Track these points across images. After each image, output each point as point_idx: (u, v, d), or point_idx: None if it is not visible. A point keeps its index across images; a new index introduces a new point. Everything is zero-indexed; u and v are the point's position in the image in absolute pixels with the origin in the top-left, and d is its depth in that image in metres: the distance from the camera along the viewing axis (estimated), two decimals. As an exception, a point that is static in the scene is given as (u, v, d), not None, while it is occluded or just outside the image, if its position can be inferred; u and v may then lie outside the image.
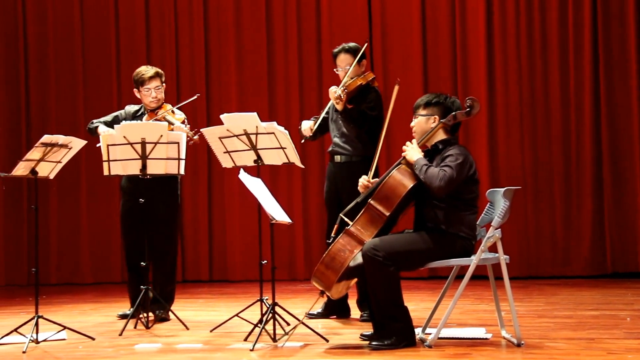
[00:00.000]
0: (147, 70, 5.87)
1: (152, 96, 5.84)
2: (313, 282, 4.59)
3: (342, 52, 5.67)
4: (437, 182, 4.46)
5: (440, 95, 4.75)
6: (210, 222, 8.49)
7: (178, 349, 4.85)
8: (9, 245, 8.56)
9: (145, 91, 5.84)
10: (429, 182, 4.48)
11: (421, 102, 4.74)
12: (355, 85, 5.55)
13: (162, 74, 5.94)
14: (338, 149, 5.67)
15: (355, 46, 5.68)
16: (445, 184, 4.46)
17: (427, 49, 8.12)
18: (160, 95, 5.88)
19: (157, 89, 5.85)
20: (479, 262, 4.53)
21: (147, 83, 5.83)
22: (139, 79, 5.86)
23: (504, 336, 4.74)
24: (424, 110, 4.72)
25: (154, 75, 5.86)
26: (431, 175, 4.48)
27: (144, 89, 5.84)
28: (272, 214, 4.85)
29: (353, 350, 4.58)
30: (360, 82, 5.57)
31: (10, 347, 4.97)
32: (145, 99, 5.87)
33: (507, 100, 7.95)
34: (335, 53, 5.72)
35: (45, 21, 8.66)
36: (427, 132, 4.69)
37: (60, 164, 5.24)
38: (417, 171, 4.53)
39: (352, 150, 5.61)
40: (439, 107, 4.70)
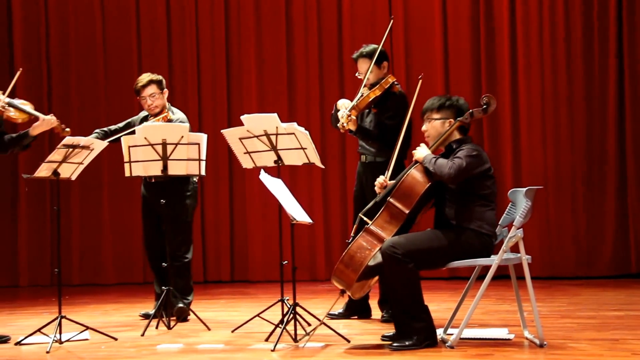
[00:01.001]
0: (141, 79, 5.91)
1: (148, 104, 5.89)
2: (333, 282, 4.59)
3: (360, 57, 5.57)
4: (447, 170, 4.46)
5: (450, 97, 4.77)
6: (231, 223, 8.51)
7: (199, 350, 4.87)
8: (32, 246, 8.62)
9: (142, 100, 5.91)
10: (439, 171, 4.48)
11: (433, 106, 4.73)
12: (365, 103, 5.42)
13: (158, 80, 5.92)
14: (363, 150, 5.65)
15: (373, 50, 5.52)
16: (455, 172, 4.45)
17: (449, 47, 8.08)
18: (158, 102, 5.89)
19: (152, 96, 5.87)
20: (501, 262, 4.51)
21: (141, 92, 5.89)
22: (135, 88, 5.94)
23: (526, 337, 4.71)
24: (438, 114, 4.71)
25: (147, 83, 5.88)
26: (440, 164, 4.49)
27: (141, 98, 5.91)
28: (292, 215, 4.86)
29: (374, 351, 4.57)
30: (373, 96, 5.42)
31: (34, 347, 5.01)
32: (144, 107, 5.94)
33: (530, 98, 7.91)
34: (355, 58, 5.63)
35: (67, 24, 8.71)
36: (442, 134, 4.68)
37: (82, 165, 5.28)
38: (427, 164, 4.53)
39: (377, 152, 5.59)
40: (453, 110, 4.70)
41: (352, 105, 5.41)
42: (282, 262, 5.11)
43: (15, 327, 5.81)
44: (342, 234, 8.13)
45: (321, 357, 4.50)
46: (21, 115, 5.26)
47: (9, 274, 8.61)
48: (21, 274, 8.60)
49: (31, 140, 5.35)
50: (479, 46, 7.99)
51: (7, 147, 5.33)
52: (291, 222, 4.91)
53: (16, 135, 5.32)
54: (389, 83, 5.47)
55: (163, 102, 5.92)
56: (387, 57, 5.63)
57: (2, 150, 5.36)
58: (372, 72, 5.50)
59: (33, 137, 5.32)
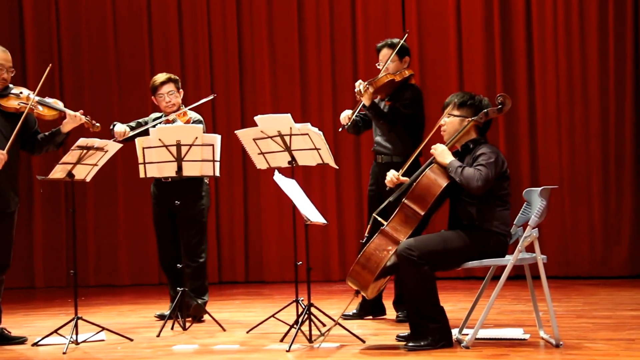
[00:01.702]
0: (160, 77, 5.93)
1: (165, 101, 5.88)
2: (348, 283, 4.58)
3: (384, 47, 5.63)
4: (475, 182, 4.44)
5: (473, 95, 4.72)
6: (245, 224, 8.52)
7: (215, 350, 4.88)
8: (48, 248, 8.66)
9: (159, 97, 5.90)
10: (467, 183, 4.46)
11: (455, 102, 4.69)
12: (383, 81, 5.49)
13: (175, 79, 5.96)
14: (380, 148, 5.64)
15: (398, 41, 5.64)
16: (482, 184, 4.44)
17: (463, 46, 8.06)
18: (175, 100, 5.90)
19: (170, 94, 5.88)
20: (516, 262, 4.49)
21: (159, 89, 5.88)
22: (152, 86, 5.94)
23: (542, 337, 4.69)
24: (459, 111, 4.68)
25: (166, 80, 5.89)
26: (468, 176, 4.46)
27: (158, 95, 5.90)
28: (307, 215, 4.86)
29: (389, 351, 4.57)
30: (392, 78, 5.51)
31: (50, 348, 5.04)
32: (160, 105, 5.93)
33: (545, 97, 7.88)
34: (378, 48, 5.68)
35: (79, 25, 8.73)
36: (458, 132, 4.66)
37: (96, 166, 5.30)
38: (452, 173, 4.51)
39: (392, 149, 5.57)
40: (474, 109, 4.66)
41: (369, 81, 5.45)
42: (297, 263, 5.11)
43: (31, 328, 5.84)
44: (356, 235, 8.12)
45: (336, 358, 4.50)
46: (50, 112, 5.26)
47: (25, 276, 8.65)
48: (37, 275, 8.65)
49: (64, 138, 5.34)
50: (493, 45, 7.96)
51: (41, 146, 5.35)
52: (305, 223, 4.92)
53: (49, 133, 5.33)
54: (408, 74, 5.56)
55: (179, 102, 5.94)
56: (409, 52, 5.70)
57: (38, 150, 5.38)
58: (393, 62, 5.55)
59: (66, 134, 5.32)
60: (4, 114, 5.15)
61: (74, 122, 5.27)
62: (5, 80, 5.14)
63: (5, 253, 5.22)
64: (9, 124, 5.12)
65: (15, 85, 5.33)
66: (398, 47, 5.56)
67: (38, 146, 5.36)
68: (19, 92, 5.21)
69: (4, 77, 5.13)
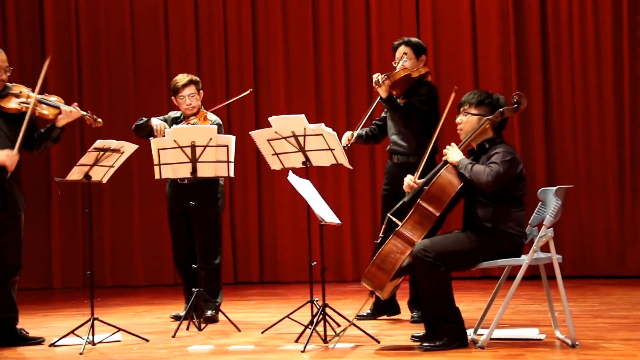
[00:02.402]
0: (182, 79, 5.91)
1: (186, 104, 5.88)
2: (364, 284, 4.58)
3: (402, 44, 5.65)
4: (485, 177, 4.42)
5: (491, 94, 4.70)
6: (260, 224, 8.54)
7: (230, 351, 4.89)
8: (65, 249, 8.71)
9: (180, 99, 5.89)
10: (476, 179, 4.44)
11: (473, 100, 4.67)
12: (400, 75, 5.48)
13: (196, 81, 5.96)
14: (396, 147, 5.64)
15: (416, 41, 5.69)
16: (492, 179, 4.41)
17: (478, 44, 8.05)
18: (196, 102, 5.90)
19: (192, 96, 5.88)
20: (531, 262, 4.48)
21: (181, 91, 5.87)
22: (174, 87, 5.93)
23: (558, 337, 4.68)
24: (476, 110, 4.66)
25: (188, 82, 5.88)
26: (477, 171, 4.45)
27: (179, 96, 5.89)
28: (321, 216, 4.86)
29: (404, 352, 4.57)
30: (409, 72, 5.50)
31: (67, 348, 5.07)
32: (181, 107, 5.93)
33: (561, 96, 7.85)
34: (395, 45, 5.69)
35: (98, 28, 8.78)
36: (474, 131, 4.64)
37: (112, 168, 5.32)
38: (462, 170, 4.49)
39: (408, 147, 5.57)
40: (491, 108, 4.65)
41: (387, 74, 5.46)
42: (311, 263, 5.12)
43: (49, 328, 5.88)
44: (370, 235, 8.12)
45: (351, 358, 4.50)
46: (52, 111, 5.22)
47: (43, 277, 8.70)
48: (54, 276, 8.70)
49: (59, 132, 5.28)
50: (508, 43, 7.94)
51: (39, 144, 5.32)
52: (320, 223, 4.92)
53: (44, 130, 5.30)
54: (424, 71, 5.57)
55: (199, 104, 5.94)
56: (426, 51, 5.72)
57: (36, 147, 5.35)
58: (410, 60, 5.57)
59: (60, 128, 5.26)
60: (4, 115, 5.10)
61: (69, 117, 5.22)
62: (3, 81, 5.10)
63: (17, 254, 5.24)
64: (11, 124, 5.08)
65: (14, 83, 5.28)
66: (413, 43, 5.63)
67: (36, 144, 5.32)
68: (18, 91, 5.16)
69: (2, 78, 5.08)
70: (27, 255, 8.47)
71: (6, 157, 4.95)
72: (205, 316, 5.67)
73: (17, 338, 5.22)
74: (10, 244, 5.17)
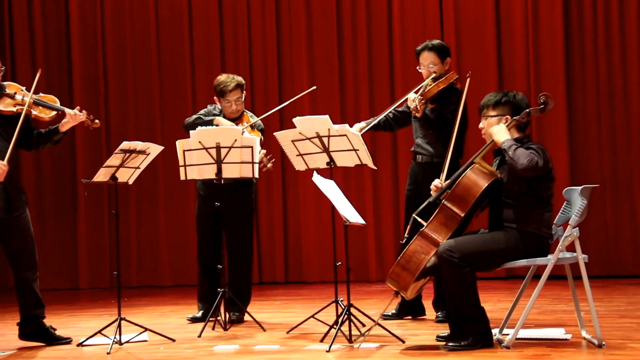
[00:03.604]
0: (229, 83, 5.82)
1: (232, 108, 5.85)
2: (388, 284, 4.59)
3: (425, 49, 5.59)
4: (525, 161, 4.36)
5: (507, 92, 4.68)
6: (285, 225, 8.57)
7: (255, 350, 4.92)
8: (92, 250, 8.79)
9: (226, 103, 5.85)
10: (516, 160, 4.38)
11: (489, 103, 4.66)
12: (433, 92, 5.44)
13: (243, 84, 5.90)
14: (420, 149, 5.64)
15: (439, 43, 5.63)
16: (532, 166, 4.36)
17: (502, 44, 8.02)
18: (241, 106, 5.89)
19: (237, 100, 5.85)
20: (557, 262, 4.46)
21: (228, 95, 5.82)
22: (221, 90, 5.84)
23: (584, 337, 4.65)
24: (494, 111, 4.64)
25: (235, 87, 5.82)
26: (520, 153, 4.39)
27: (225, 100, 5.84)
28: (345, 216, 4.88)
29: (429, 351, 4.57)
30: (442, 86, 5.45)
31: (95, 348, 5.12)
32: (226, 111, 5.88)
33: (585, 95, 7.81)
34: (418, 51, 5.64)
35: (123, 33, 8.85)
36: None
37: (138, 169, 5.36)
38: (506, 147, 4.43)
39: (433, 151, 5.57)
40: (509, 106, 4.62)
41: (421, 93, 5.43)
42: (336, 264, 5.13)
43: (76, 328, 5.94)
44: (394, 235, 8.12)
45: (376, 358, 4.51)
46: (48, 113, 5.16)
47: (70, 277, 8.79)
48: (81, 277, 8.78)
49: (61, 136, 5.26)
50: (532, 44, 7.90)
51: (38, 144, 5.27)
52: (344, 224, 4.94)
53: (46, 131, 5.25)
54: (453, 78, 5.50)
55: (243, 107, 5.94)
56: (450, 53, 5.67)
57: (34, 147, 5.30)
58: (435, 65, 5.54)
59: (63, 133, 5.24)
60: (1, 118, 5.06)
61: (74, 121, 5.18)
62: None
63: (31, 253, 5.19)
64: (6, 127, 5.03)
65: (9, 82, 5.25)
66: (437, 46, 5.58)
67: (35, 143, 5.27)
68: (13, 92, 5.10)
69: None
70: (54, 256, 8.72)
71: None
72: (231, 318, 5.70)
73: (47, 335, 5.26)
74: (22, 245, 5.14)
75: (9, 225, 5.10)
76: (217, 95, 5.92)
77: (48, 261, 8.67)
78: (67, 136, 5.73)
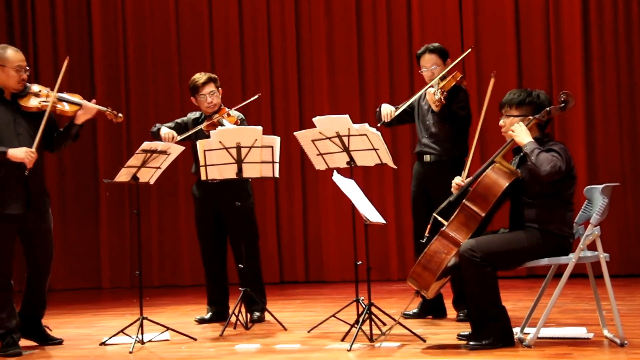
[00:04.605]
0: (200, 77, 5.89)
1: (207, 102, 5.87)
2: (409, 283, 4.59)
3: (426, 52, 5.65)
4: (548, 167, 4.34)
5: (531, 92, 4.63)
6: (305, 224, 8.58)
7: (277, 349, 4.94)
8: (114, 249, 8.85)
9: (201, 97, 5.87)
10: (538, 166, 4.36)
11: (513, 102, 4.62)
12: (450, 86, 5.48)
13: (215, 78, 5.94)
14: (427, 149, 5.64)
15: (439, 46, 5.68)
16: (554, 172, 4.34)
17: (521, 42, 7.99)
18: (217, 100, 5.89)
19: (212, 94, 5.87)
20: (578, 261, 4.45)
21: (201, 89, 5.86)
22: (193, 86, 5.90)
23: (606, 336, 4.63)
24: (517, 111, 4.61)
25: (207, 80, 5.87)
26: (543, 159, 4.36)
27: (199, 95, 5.88)
28: (366, 215, 4.88)
29: (450, 350, 4.57)
30: (452, 82, 5.50)
31: (117, 347, 5.17)
32: (202, 106, 5.91)
33: (605, 94, 7.76)
34: (419, 54, 5.71)
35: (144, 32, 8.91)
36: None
37: (159, 169, 5.40)
38: (529, 152, 4.41)
39: (441, 150, 5.58)
40: (533, 106, 4.59)
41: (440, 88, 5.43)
42: (357, 263, 5.14)
43: (99, 327, 6.00)
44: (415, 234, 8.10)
45: (397, 357, 4.52)
46: (72, 108, 5.24)
47: (93, 277, 8.85)
48: (103, 276, 8.84)
49: (78, 129, 5.29)
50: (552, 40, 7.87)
51: (59, 143, 5.33)
52: (365, 223, 4.94)
53: (63, 128, 5.31)
54: (459, 77, 5.54)
55: (219, 101, 5.94)
56: (449, 54, 5.70)
57: (56, 147, 5.35)
58: (437, 68, 5.58)
59: (79, 125, 5.27)
60: (25, 115, 5.13)
61: (89, 113, 5.24)
62: (23, 81, 5.12)
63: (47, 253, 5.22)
64: (33, 124, 5.10)
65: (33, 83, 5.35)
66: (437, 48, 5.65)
67: (56, 143, 5.33)
68: (38, 90, 5.19)
69: (23, 78, 5.11)
70: (77, 256, 8.78)
71: (24, 153, 4.94)
72: (252, 318, 5.73)
73: (40, 335, 5.30)
74: (38, 243, 5.18)
75: (28, 224, 5.13)
76: (192, 94, 5.95)
77: (71, 261, 8.77)
78: (88, 136, 5.79)
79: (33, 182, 5.09)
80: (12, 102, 5.12)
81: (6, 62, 5.07)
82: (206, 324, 5.85)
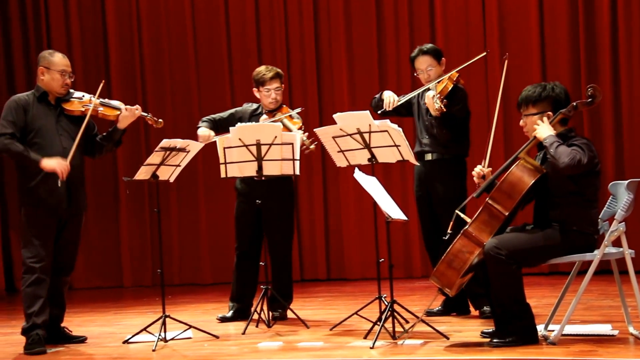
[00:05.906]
0: (269, 71, 5.84)
1: (271, 97, 5.83)
2: (432, 281, 4.56)
3: (420, 54, 5.63)
4: (567, 159, 4.28)
5: (545, 85, 4.56)
6: (326, 222, 8.56)
7: (299, 347, 4.93)
8: (134, 248, 8.87)
9: (265, 92, 5.83)
10: (557, 158, 4.30)
11: (529, 100, 4.55)
12: (448, 90, 5.41)
13: (282, 74, 5.93)
14: (428, 148, 5.61)
15: (432, 47, 5.68)
16: (574, 164, 4.28)
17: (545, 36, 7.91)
18: (280, 96, 5.87)
19: (277, 90, 5.85)
20: (603, 257, 4.40)
21: (267, 84, 5.82)
22: (260, 79, 5.85)
23: (631, 333, 4.58)
24: (535, 109, 4.55)
25: (275, 76, 5.84)
26: (562, 152, 4.31)
27: (264, 89, 5.83)
28: (388, 212, 4.86)
29: (474, 348, 4.54)
30: (452, 85, 5.42)
31: (140, 345, 5.18)
32: (265, 100, 5.87)
33: (632, 87, 7.67)
34: (412, 57, 5.69)
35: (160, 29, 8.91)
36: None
37: (179, 167, 5.40)
38: (548, 145, 4.36)
39: (442, 149, 5.56)
40: (549, 100, 4.53)
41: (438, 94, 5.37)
42: (379, 260, 5.12)
43: (121, 326, 6.02)
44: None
45: (421, 354, 4.49)
46: (113, 112, 5.33)
47: (114, 275, 8.89)
48: (125, 274, 8.87)
49: (121, 134, 5.39)
50: (577, 33, 7.79)
51: (102, 148, 5.42)
52: (386, 220, 4.92)
53: (107, 132, 5.41)
54: (456, 76, 5.47)
55: (282, 98, 5.92)
56: (443, 53, 5.69)
57: (98, 152, 5.44)
58: (433, 69, 5.55)
59: (122, 130, 5.37)
60: (70, 118, 5.25)
61: (132, 117, 5.33)
62: (67, 86, 5.24)
63: (72, 255, 5.32)
64: (74, 126, 5.22)
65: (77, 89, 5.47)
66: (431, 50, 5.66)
67: (98, 148, 5.41)
68: (81, 95, 5.33)
69: (67, 83, 5.23)
70: (98, 255, 8.82)
71: (57, 164, 5.04)
72: (275, 316, 5.72)
73: (60, 336, 5.34)
74: (67, 243, 5.25)
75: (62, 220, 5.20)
76: (255, 85, 5.91)
77: (92, 260, 8.81)
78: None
79: (75, 185, 5.22)
80: (56, 105, 5.25)
81: (52, 65, 5.20)
82: (228, 322, 5.84)
